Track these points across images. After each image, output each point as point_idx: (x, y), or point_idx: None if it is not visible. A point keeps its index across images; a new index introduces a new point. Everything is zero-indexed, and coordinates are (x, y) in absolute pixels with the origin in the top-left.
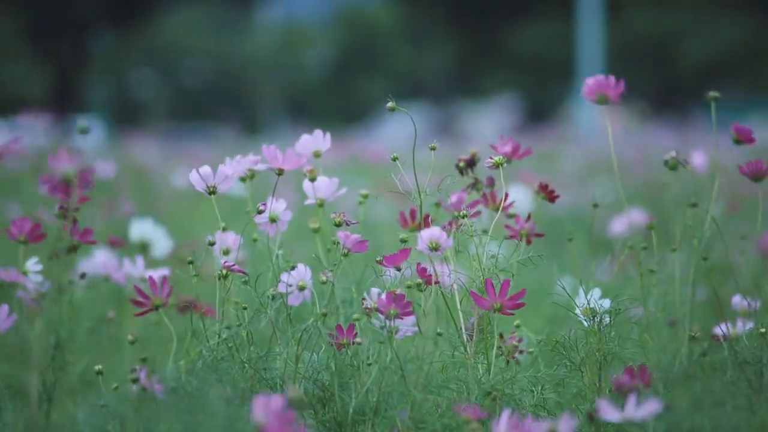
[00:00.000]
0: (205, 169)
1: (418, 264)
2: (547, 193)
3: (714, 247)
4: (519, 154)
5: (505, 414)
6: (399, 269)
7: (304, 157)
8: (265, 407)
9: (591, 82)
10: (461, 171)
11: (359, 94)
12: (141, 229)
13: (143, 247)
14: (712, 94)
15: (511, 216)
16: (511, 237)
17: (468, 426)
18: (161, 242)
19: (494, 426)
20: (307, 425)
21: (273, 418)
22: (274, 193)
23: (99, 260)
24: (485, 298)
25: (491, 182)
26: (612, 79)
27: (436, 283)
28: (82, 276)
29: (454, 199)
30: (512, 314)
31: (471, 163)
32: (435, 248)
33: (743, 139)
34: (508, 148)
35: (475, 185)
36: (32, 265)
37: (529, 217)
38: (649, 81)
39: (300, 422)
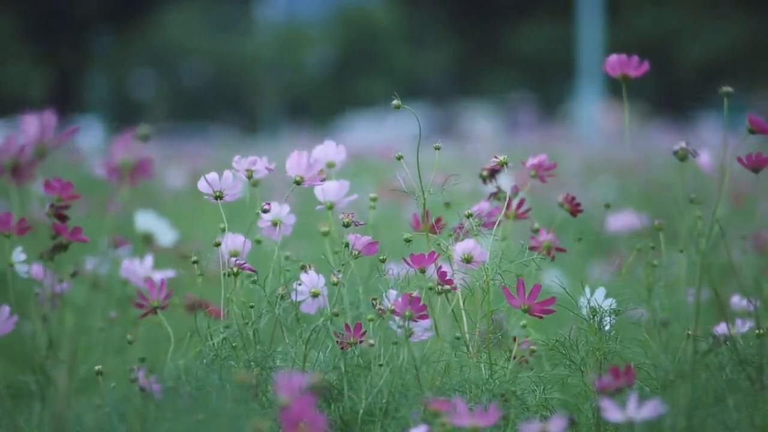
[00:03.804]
0: (212, 175)
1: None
2: (572, 206)
3: (717, 246)
4: (545, 168)
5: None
6: (423, 271)
7: (323, 172)
8: (288, 386)
9: (613, 59)
10: (484, 180)
11: (359, 94)
12: (144, 221)
13: (147, 239)
14: (725, 89)
15: (536, 231)
16: (533, 248)
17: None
18: (165, 233)
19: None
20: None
21: (296, 399)
22: (286, 198)
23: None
24: (515, 297)
25: (516, 190)
26: (635, 57)
27: (451, 285)
28: (73, 274)
29: (476, 208)
30: (541, 316)
31: (494, 172)
32: (468, 260)
33: (758, 129)
34: (535, 161)
35: (497, 194)
36: (18, 254)
37: (553, 228)
38: (649, 81)
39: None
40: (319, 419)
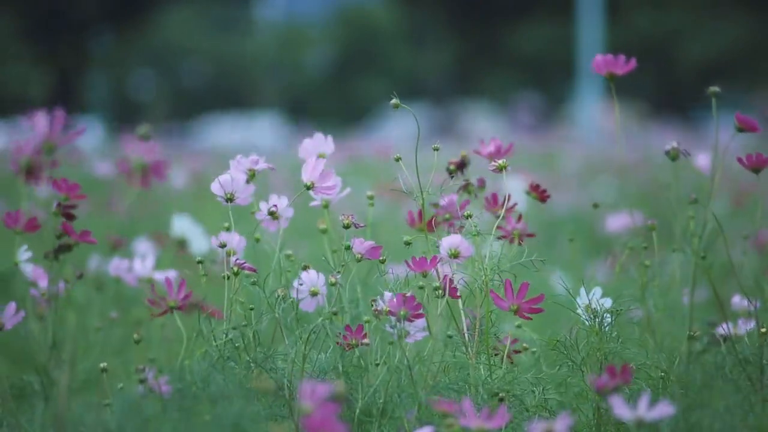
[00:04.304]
0: (225, 177)
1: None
2: (539, 193)
3: (715, 245)
4: (502, 153)
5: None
6: (425, 275)
7: (336, 183)
8: (312, 395)
9: (599, 58)
10: (452, 174)
11: (359, 94)
12: (180, 225)
13: (181, 244)
14: (713, 89)
15: (503, 219)
16: (503, 237)
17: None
18: (199, 239)
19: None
20: None
21: (319, 407)
22: (293, 200)
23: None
24: (503, 299)
25: (482, 183)
26: (621, 57)
27: (454, 293)
28: (80, 276)
29: (445, 201)
30: (530, 318)
31: (461, 165)
32: (455, 255)
33: (746, 127)
34: (492, 148)
35: (466, 187)
36: (23, 253)
37: (520, 217)
38: (649, 81)
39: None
40: (340, 428)
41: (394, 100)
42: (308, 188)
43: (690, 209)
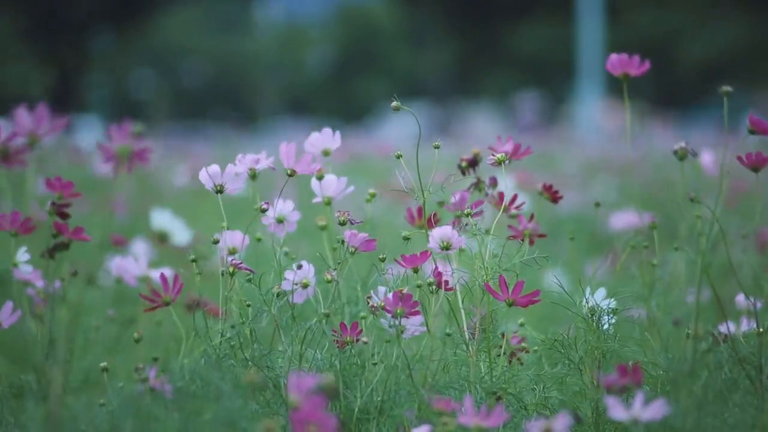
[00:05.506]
0: (214, 168)
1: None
2: (551, 194)
3: (717, 245)
4: (519, 154)
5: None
6: (416, 270)
7: (318, 163)
8: (299, 387)
9: (615, 58)
10: (463, 171)
11: (359, 94)
12: (160, 219)
13: (162, 237)
14: (725, 88)
15: (513, 216)
16: (514, 237)
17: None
18: (180, 232)
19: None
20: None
21: (306, 400)
22: (280, 193)
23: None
24: (499, 293)
25: (494, 182)
26: (636, 57)
27: (447, 286)
28: (74, 274)
29: (456, 198)
30: (526, 306)
31: (473, 162)
32: (446, 247)
33: (759, 129)
34: (508, 148)
35: (477, 185)
36: (22, 255)
37: (532, 217)
38: (650, 81)
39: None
40: (329, 420)
41: (394, 103)
42: (290, 175)
43: (695, 208)
